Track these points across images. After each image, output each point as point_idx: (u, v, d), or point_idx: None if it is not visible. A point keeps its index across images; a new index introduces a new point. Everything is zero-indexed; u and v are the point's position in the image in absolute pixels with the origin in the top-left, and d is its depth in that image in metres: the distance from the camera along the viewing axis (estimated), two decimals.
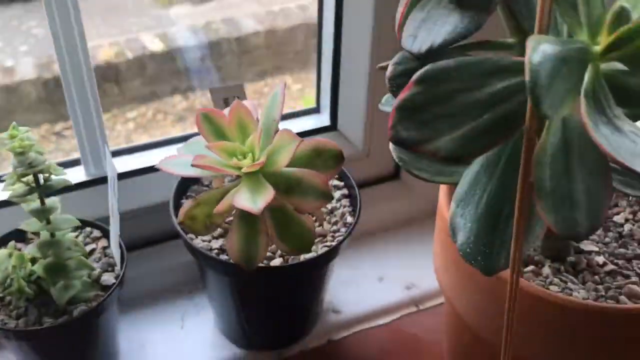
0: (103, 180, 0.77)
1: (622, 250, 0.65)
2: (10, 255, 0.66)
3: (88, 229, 0.73)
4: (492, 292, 0.59)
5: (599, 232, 0.68)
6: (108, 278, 0.69)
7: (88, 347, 0.70)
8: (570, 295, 0.60)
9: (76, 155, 0.79)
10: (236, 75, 2.38)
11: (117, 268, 0.69)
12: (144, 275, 0.79)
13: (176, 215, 0.67)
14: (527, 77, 0.34)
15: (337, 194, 0.75)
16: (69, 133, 2.09)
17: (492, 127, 0.42)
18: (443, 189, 0.65)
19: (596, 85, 0.41)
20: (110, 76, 2.32)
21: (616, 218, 0.69)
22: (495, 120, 0.41)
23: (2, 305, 0.66)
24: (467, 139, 0.42)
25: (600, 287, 0.61)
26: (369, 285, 0.86)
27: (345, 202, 0.74)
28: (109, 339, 0.72)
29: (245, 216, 0.59)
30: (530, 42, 0.36)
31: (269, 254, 0.67)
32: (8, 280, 0.65)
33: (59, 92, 0.78)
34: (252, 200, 0.55)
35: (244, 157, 0.59)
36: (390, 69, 0.48)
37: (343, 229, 0.71)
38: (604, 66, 0.42)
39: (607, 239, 0.67)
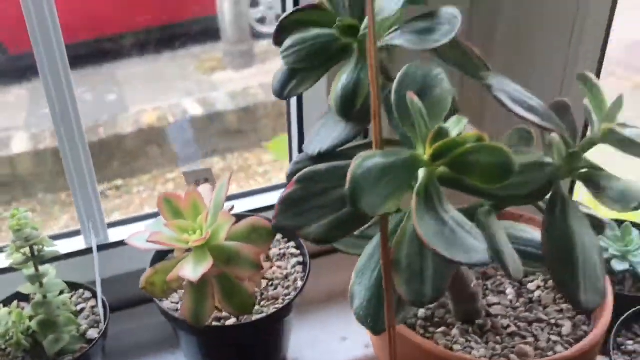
0: (100, 248, 0.91)
1: (527, 314, 0.74)
2: (10, 313, 0.79)
3: (81, 290, 0.86)
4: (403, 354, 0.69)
5: (512, 297, 0.77)
6: (93, 333, 0.82)
7: None
8: (470, 353, 0.69)
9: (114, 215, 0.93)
10: (271, 136, 2.53)
11: (102, 324, 0.82)
12: (130, 332, 0.91)
13: None
14: (346, 187, 0.46)
15: (292, 261, 0.86)
16: (112, 193, 2.27)
17: (350, 218, 0.53)
18: None
19: (429, 185, 0.52)
20: (152, 139, 2.50)
21: (530, 285, 0.79)
22: (352, 213, 0.53)
23: (3, 355, 0.80)
24: (331, 227, 0.53)
25: (498, 346, 0.70)
26: (333, 344, 0.96)
27: (299, 268, 0.85)
28: None
29: (194, 283, 0.72)
30: (355, 160, 0.47)
31: (225, 314, 0.79)
32: (10, 334, 0.79)
33: (104, 154, 0.90)
34: (193, 270, 0.67)
35: (194, 233, 0.71)
36: (290, 167, 0.60)
37: (294, 293, 0.82)
38: (442, 169, 0.53)
39: (517, 304, 0.76)
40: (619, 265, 0.86)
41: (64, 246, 0.91)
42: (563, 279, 0.57)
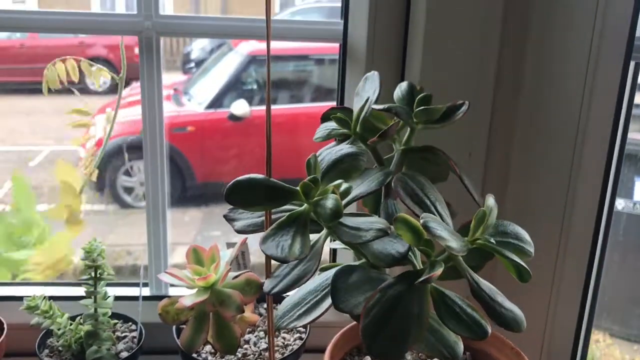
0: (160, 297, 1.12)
1: None
2: (71, 324, 1.02)
3: (130, 323, 1.08)
4: None
5: None
6: (125, 354, 1.01)
7: None
8: None
9: None
10: None
11: (135, 347, 1.02)
12: None
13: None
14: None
15: (295, 336, 1.01)
16: None
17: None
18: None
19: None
20: None
21: None
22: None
23: (57, 355, 1.01)
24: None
25: None
26: None
27: (299, 342, 1.00)
28: None
29: (198, 318, 0.90)
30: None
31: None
32: (66, 337, 1.01)
33: None
34: (188, 300, 0.86)
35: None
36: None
37: (287, 354, 0.96)
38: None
39: None
40: None
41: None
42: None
